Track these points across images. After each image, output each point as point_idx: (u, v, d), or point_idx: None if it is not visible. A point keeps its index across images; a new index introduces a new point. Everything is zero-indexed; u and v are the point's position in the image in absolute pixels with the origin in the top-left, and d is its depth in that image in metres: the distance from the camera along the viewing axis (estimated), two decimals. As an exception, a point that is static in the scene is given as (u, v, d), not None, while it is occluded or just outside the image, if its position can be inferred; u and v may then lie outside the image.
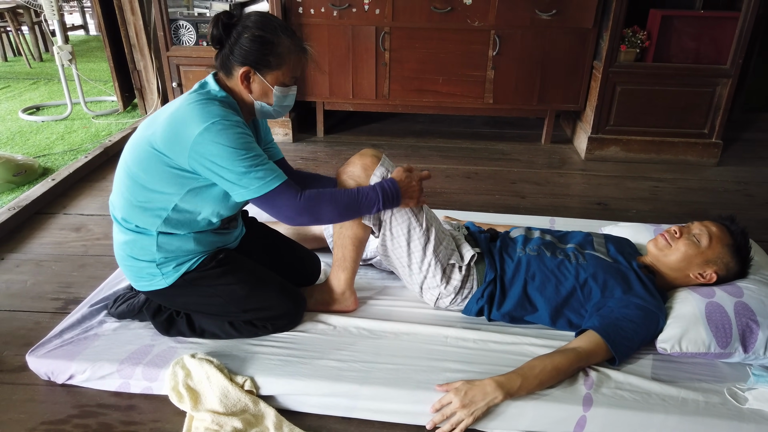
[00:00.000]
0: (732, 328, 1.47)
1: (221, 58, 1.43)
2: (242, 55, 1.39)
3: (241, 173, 1.34)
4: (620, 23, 2.94)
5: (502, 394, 1.35)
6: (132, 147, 1.45)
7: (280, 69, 1.43)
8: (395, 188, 1.48)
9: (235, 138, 1.33)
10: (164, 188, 1.41)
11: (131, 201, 1.45)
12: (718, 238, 1.59)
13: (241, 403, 1.40)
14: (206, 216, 1.48)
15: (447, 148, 3.45)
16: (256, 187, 1.36)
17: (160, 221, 1.45)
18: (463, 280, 1.63)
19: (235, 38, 1.39)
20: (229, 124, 1.34)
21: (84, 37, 7.06)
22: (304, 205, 1.39)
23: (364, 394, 1.42)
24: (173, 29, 3.23)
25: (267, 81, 1.43)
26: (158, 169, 1.39)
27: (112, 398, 1.49)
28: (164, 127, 1.37)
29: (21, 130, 3.59)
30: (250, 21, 1.40)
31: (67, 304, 1.88)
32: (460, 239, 1.70)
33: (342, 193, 1.45)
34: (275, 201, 1.39)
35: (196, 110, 1.34)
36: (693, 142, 3.20)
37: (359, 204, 1.46)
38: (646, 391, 1.42)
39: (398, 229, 1.57)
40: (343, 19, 3.16)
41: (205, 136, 1.32)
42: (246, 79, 1.43)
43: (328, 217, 1.45)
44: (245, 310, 1.55)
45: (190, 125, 1.33)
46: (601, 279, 1.57)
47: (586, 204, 2.74)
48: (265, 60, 1.40)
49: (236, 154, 1.33)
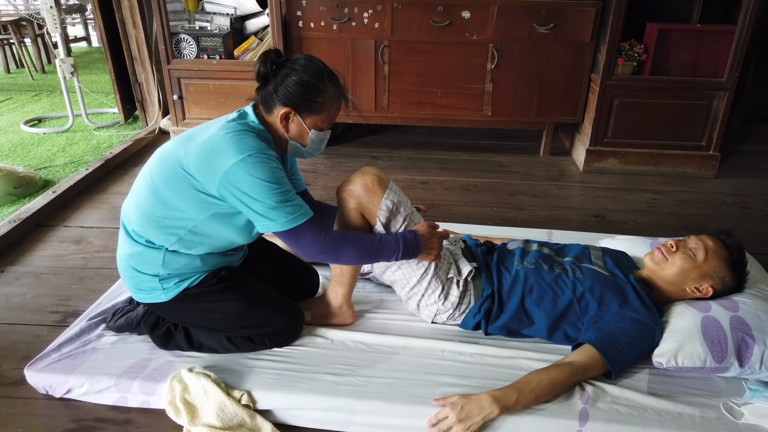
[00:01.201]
0: (728, 343, 1.48)
1: (264, 94, 1.45)
2: (286, 96, 1.42)
3: (271, 207, 1.35)
4: (617, 37, 2.96)
5: (499, 409, 1.35)
6: (161, 162, 1.45)
7: (320, 115, 1.46)
8: (416, 242, 1.50)
9: (269, 172, 1.35)
10: (186, 209, 1.42)
11: (149, 215, 1.45)
12: (714, 252, 1.60)
13: (238, 417, 1.40)
14: (222, 243, 1.49)
15: (446, 160, 3.47)
16: (284, 221, 1.37)
17: (175, 239, 1.45)
18: (461, 296, 1.64)
19: (282, 78, 1.41)
20: (265, 158, 1.36)
21: (86, 49, 7.11)
22: (327, 245, 1.41)
23: (361, 409, 1.42)
24: (174, 42, 3.26)
25: (305, 124, 1.46)
26: (185, 191, 1.40)
27: (109, 412, 1.49)
28: (198, 151, 1.38)
29: (22, 142, 3.62)
30: (299, 64, 1.42)
31: (66, 317, 1.88)
32: (457, 253, 1.71)
33: (364, 238, 1.47)
34: (300, 237, 1.40)
35: (233, 141, 1.36)
36: (691, 155, 3.21)
37: (380, 252, 1.48)
38: (642, 405, 1.42)
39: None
40: (343, 32, 3.19)
41: (240, 167, 1.33)
42: (285, 119, 1.45)
43: (347, 259, 1.47)
44: (243, 326, 1.55)
45: (225, 155, 1.34)
46: (598, 292, 1.58)
47: (584, 216, 2.75)
48: (308, 105, 1.43)
49: (268, 188, 1.35)
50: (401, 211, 1.56)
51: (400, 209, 1.55)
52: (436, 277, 1.61)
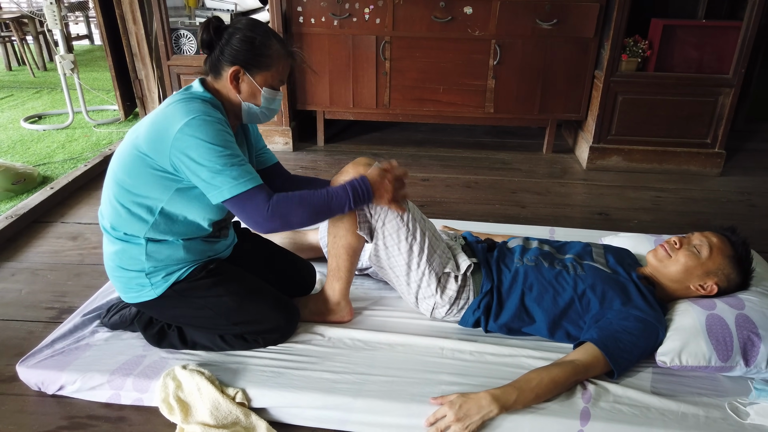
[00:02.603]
0: (733, 341, 1.45)
1: (211, 60, 1.44)
2: (232, 55, 1.40)
3: (216, 171, 1.33)
4: (621, 33, 2.93)
5: (498, 408, 1.32)
6: (118, 153, 1.45)
7: (269, 70, 1.44)
8: (365, 186, 1.46)
9: (213, 134, 1.33)
10: (149, 192, 1.41)
11: (118, 207, 1.44)
12: (718, 249, 1.57)
13: (233, 415, 1.37)
14: (194, 219, 1.47)
15: (447, 158, 3.44)
16: (229, 187, 1.34)
17: (148, 227, 1.44)
18: (459, 290, 1.61)
19: (226, 39, 1.41)
20: (210, 120, 1.34)
21: (89, 47, 7.12)
22: (274, 212, 1.37)
23: (357, 407, 1.39)
24: (174, 38, 3.24)
25: (256, 81, 1.44)
26: (143, 172, 1.39)
27: (102, 409, 1.47)
28: (147, 128, 1.38)
29: (22, 139, 3.60)
30: (241, 24, 1.42)
31: (61, 314, 1.86)
32: (457, 249, 1.68)
33: (311, 194, 1.43)
34: (245, 205, 1.36)
35: (178, 107, 1.35)
36: (695, 152, 3.17)
37: (330, 205, 1.44)
38: (645, 405, 1.39)
39: (390, 238, 1.55)
40: (344, 28, 3.16)
41: (185, 131, 1.32)
42: (235, 79, 1.43)
43: (299, 220, 1.41)
44: (235, 323, 1.53)
45: (171, 122, 1.33)
46: (600, 290, 1.55)
47: (587, 214, 2.72)
48: (256, 60, 1.42)
49: (212, 150, 1.32)
50: None
51: None
52: (429, 267, 1.57)
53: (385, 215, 1.54)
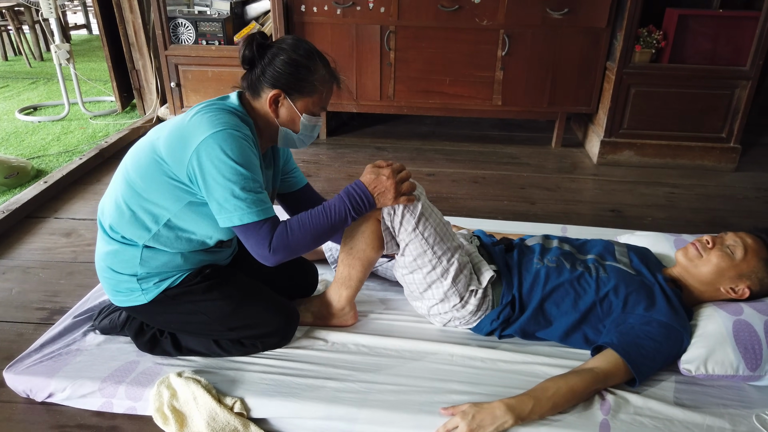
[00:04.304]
0: (762, 349, 1.37)
1: (251, 78, 1.36)
2: (274, 77, 1.32)
3: (232, 193, 1.24)
4: (635, 23, 2.83)
5: (513, 418, 1.25)
6: (135, 151, 1.36)
7: (311, 97, 1.36)
8: (361, 190, 1.36)
9: (239, 151, 1.25)
10: (159, 199, 1.32)
11: (123, 208, 1.35)
12: (754, 251, 1.48)
13: (230, 426, 1.30)
14: (200, 238, 1.38)
15: (453, 152, 3.34)
16: (240, 214, 1.26)
17: (149, 236, 1.35)
18: (479, 304, 1.51)
19: (269, 59, 1.32)
20: (238, 135, 1.26)
21: (86, 37, 7.01)
22: (276, 243, 1.29)
23: (362, 418, 1.32)
24: (172, 28, 3.15)
25: (296, 107, 1.36)
26: (156, 178, 1.30)
27: (93, 418, 1.40)
28: (170, 132, 1.30)
29: (17, 131, 3.51)
30: (287, 44, 1.33)
31: (52, 314, 1.78)
32: (476, 257, 1.58)
33: (309, 216, 1.33)
34: (251, 235, 1.29)
35: (206, 117, 1.27)
36: (710, 147, 3.07)
37: (330, 220, 1.34)
38: (668, 417, 1.31)
39: (412, 260, 1.46)
40: (347, 17, 3.07)
41: (209, 142, 1.23)
42: (274, 103, 1.35)
43: (303, 245, 1.33)
44: (231, 328, 1.44)
45: (197, 131, 1.25)
46: (623, 293, 1.46)
47: (599, 211, 2.63)
48: (298, 85, 1.34)
49: (233, 170, 1.24)
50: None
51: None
52: (454, 288, 1.48)
53: (408, 237, 1.43)
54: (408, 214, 1.41)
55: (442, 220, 1.49)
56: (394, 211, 1.41)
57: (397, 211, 1.41)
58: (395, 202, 1.40)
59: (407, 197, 1.40)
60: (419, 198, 1.43)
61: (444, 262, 1.45)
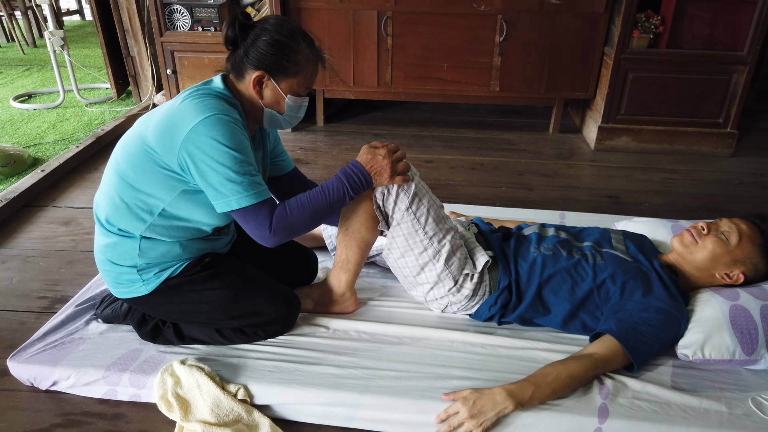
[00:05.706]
0: (759, 334, 1.39)
1: (234, 59, 1.35)
2: (258, 58, 1.31)
3: (227, 177, 1.25)
4: (633, 7, 2.82)
5: (513, 404, 1.26)
6: (124, 142, 1.36)
7: (295, 77, 1.36)
8: (357, 168, 1.38)
9: (230, 135, 1.24)
10: (152, 190, 1.32)
11: (117, 201, 1.35)
12: (748, 236, 1.50)
13: (234, 412, 1.31)
14: (196, 225, 1.38)
15: (451, 138, 3.34)
16: (237, 198, 1.26)
17: (145, 226, 1.35)
18: (475, 288, 1.53)
19: (252, 40, 1.31)
20: (228, 119, 1.25)
21: (80, 23, 6.93)
22: (276, 224, 1.30)
23: (364, 403, 1.33)
24: (167, 14, 3.11)
25: (280, 88, 1.35)
26: (147, 168, 1.30)
27: (98, 406, 1.41)
28: (158, 121, 1.28)
29: (12, 119, 3.49)
30: (270, 24, 1.32)
31: (54, 303, 1.79)
32: (473, 243, 1.59)
33: (308, 197, 1.35)
34: (250, 218, 1.29)
35: (193, 104, 1.26)
36: (707, 132, 3.08)
37: (329, 200, 1.35)
38: (665, 401, 1.33)
39: (403, 240, 1.47)
40: (344, 2, 3.04)
41: (199, 129, 1.22)
42: (258, 84, 1.34)
43: (303, 226, 1.35)
44: (233, 316, 1.45)
45: (185, 118, 1.24)
46: (620, 280, 1.48)
47: (597, 197, 2.64)
48: (282, 66, 1.32)
49: (226, 154, 1.23)
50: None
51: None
52: (447, 271, 1.50)
53: (401, 216, 1.45)
54: (402, 193, 1.43)
55: (436, 201, 1.50)
56: (388, 190, 1.43)
57: (392, 190, 1.43)
58: (391, 182, 1.41)
59: (402, 177, 1.42)
60: (413, 178, 1.45)
61: (435, 243, 1.47)
